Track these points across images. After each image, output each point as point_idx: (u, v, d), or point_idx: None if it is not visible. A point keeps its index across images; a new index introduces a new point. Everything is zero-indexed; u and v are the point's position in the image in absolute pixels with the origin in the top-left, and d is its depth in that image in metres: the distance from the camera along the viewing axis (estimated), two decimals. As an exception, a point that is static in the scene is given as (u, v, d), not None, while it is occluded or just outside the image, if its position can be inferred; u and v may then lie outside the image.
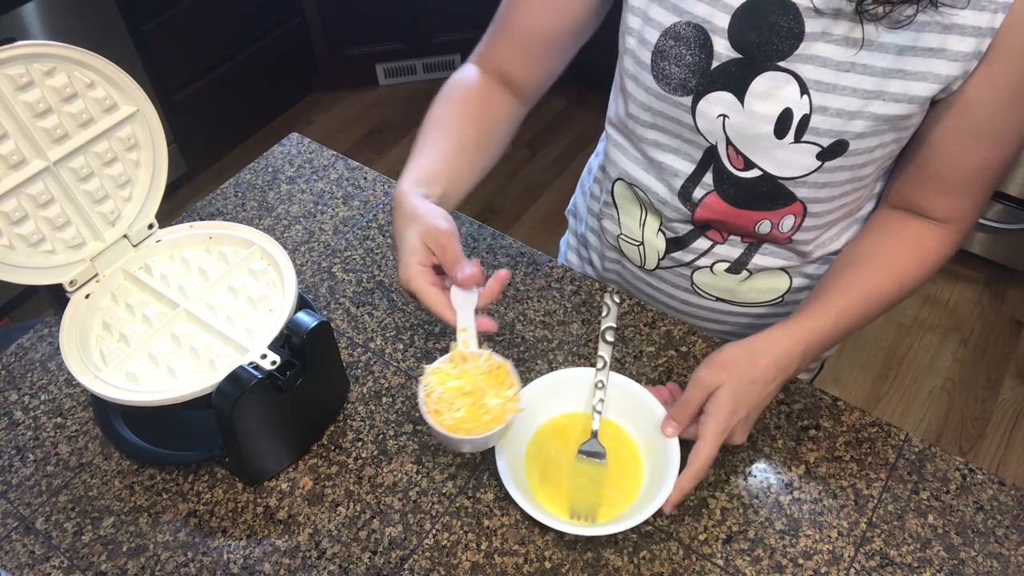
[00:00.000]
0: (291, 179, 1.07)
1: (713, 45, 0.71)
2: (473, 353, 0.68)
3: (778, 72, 0.70)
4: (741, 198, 0.80)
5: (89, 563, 0.73)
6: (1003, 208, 1.98)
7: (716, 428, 0.68)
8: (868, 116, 0.69)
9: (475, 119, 0.82)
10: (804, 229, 0.82)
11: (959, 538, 0.73)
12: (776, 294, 0.91)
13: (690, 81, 0.73)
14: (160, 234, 0.81)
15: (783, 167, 0.75)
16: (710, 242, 0.86)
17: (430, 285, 0.68)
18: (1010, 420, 1.88)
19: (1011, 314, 2.08)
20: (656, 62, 0.74)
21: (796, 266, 0.88)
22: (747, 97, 0.72)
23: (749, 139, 0.74)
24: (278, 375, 0.69)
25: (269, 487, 0.77)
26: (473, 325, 0.68)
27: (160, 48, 2.16)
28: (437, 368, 0.69)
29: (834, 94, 0.69)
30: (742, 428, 0.70)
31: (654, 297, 0.97)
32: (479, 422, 0.66)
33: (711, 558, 0.72)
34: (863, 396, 1.92)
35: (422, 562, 0.72)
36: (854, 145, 0.71)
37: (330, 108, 2.76)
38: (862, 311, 0.76)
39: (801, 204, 0.79)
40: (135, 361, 0.72)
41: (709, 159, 0.78)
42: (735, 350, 0.71)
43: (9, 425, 0.83)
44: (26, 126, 0.68)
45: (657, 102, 0.77)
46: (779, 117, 0.71)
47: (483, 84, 0.85)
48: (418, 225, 0.69)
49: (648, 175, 0.85)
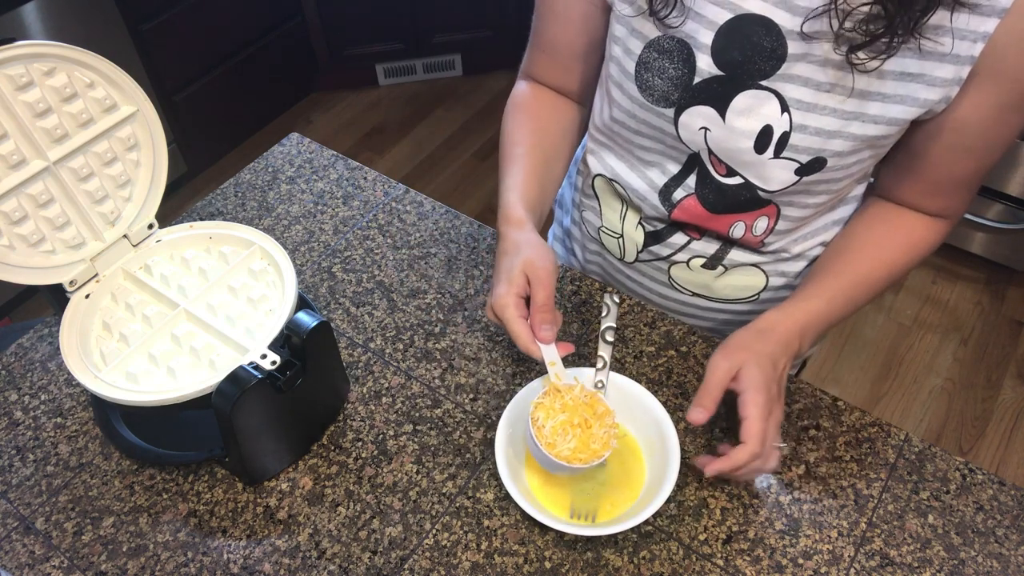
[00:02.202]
0: (291, 179, 1.07)
1: (696, 61, 0.71)
2: (567, 385, 0.73)
3: (760, 90, 0.71)
4: (719, 204, 0.81)
5: (89, 563, 0.73)
6: (1003, 208, 1.98)
7: (759, 400, 0.68)
8: (847, 136, 0.70)
9: (549, 131, 0.88)
10: (776, 232, 0.84)
11: (959, 538, 0.73)
12: (752, 291, 0.91)
13: (672, 94, 0.74)
14: (160, 234, 0.81)
15: (763, 180, 0.76)
16: (687, 238, 0.88)
17: (520, 319, 0.72)
18: (1010, 420, 1.88)
19: (1011, 314, 2.08)
20: (640, 73, 0.75)
21: (770, 263, 0.89)
22: (728, 113, 0.72)
23: (730, 152, 0.75)
24: (278, 375, 0.69)
25: (269, 487, 0.77)
26: (559, 358, 0.73)
27: (160, 48, 2.16)
28: (539, 403, 0.73)
29: (814, 113, 0.70)
30: (779, 404, 0.71)
31: (634, 290, 0.98)
32: (589, 450, 0.71)
33: (711, 558, 0.72)
34: (863, 396, 1.92)
35: (422, 562, 0.72)
36: (832, 162, 0.73)
37: (330, 108, 2.76)
38: (853, 296, 0.78)
39: (775, 207, 0.81)
40: (135, 361, 0.72)
41: (693, 163, 0.80)
42: (743, 333, 0.73)
43: (9, 425, 0.83)
44: (26, 126, 0.68)
45: (641, 111, 0.78)
46: (759, 133, 0.72)
47: (542, 96, 0.90)
48: (522, 256, 0.73)
49: (632, 173, 0.86)
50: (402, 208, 1.03)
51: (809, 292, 0.77)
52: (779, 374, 0.72)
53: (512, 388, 0.83)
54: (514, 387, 0.84)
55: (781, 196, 0.78)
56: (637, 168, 0.85)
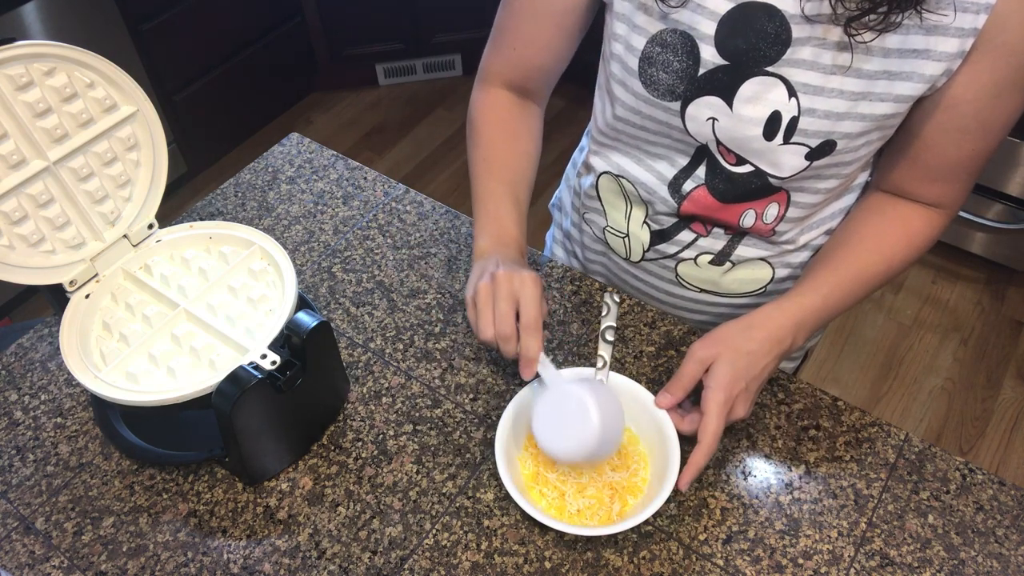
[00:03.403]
0: (291, 179, 1.07)
1: (700, 52, 0.71)
2: None
3: (766, 76, 0.70)
4: (729, 193, 0.81)
5: (89, 563, 0.73)
6: (1003, 208, 1.98)
7: (719, 399, 0.69)
8: (856, 116, 0.70)
9: (518, 136, 0.87)
10: (787, 220, 0.83)
11: (959, 538, 0.73)
12: (759, 284, 0.91)
13: (678, 87, 0.74)
14: (160, 234, 0.81)
15: (773, 166, 0.76)
16: (694, 235, 0.87)
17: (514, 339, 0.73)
18: (1010, 420, 1.88)
19: (1011, 314, 2.08)
20: (644, 68, 0.75)
21: (777, 256, 0.88)
22: (735, 101, 0.72)
23: (738, 141, 0.75)
24: (278, 375, 0.69)
25: (269, 487, 0.77)
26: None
27: (160, 48, 2.16)
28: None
29: (822, 96, 0.69)
30: (744, 401, 0.71)
31: (639, 289, 0.98)
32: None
33: (711, 558, 0.72)
34: (863, 396, 1.92)
35: (422, 562, 0.72)
36: (842, 145, 0.73)
37: (330, 108, 2.76)
38: (851, 289, 0.78)
39: (785, 193, 0.80)
40: (135, 361, 0.72)
41: (702, 155, 0.79)
42: (730, 325, 0.74)
43: (9, 425, 0.83)
44: (26, 126, 0.68)
45: (646, 107, 0.77)
46: (768, 120, 0.72)
47: (506, 101, 0.88)
48: (521, 271, 0.73)
49: (639, 168, 0.86)
50: (402, 208, 1.03)
51: (806, 287, 0.77)
52: (757, 372, 0.72)
53: (512, 388, 0.83)
54: (514, 387, 0.84)
55: (792, 182, 0.78)
56: (644, 163, 0.85)
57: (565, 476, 0.73)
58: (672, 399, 0.73)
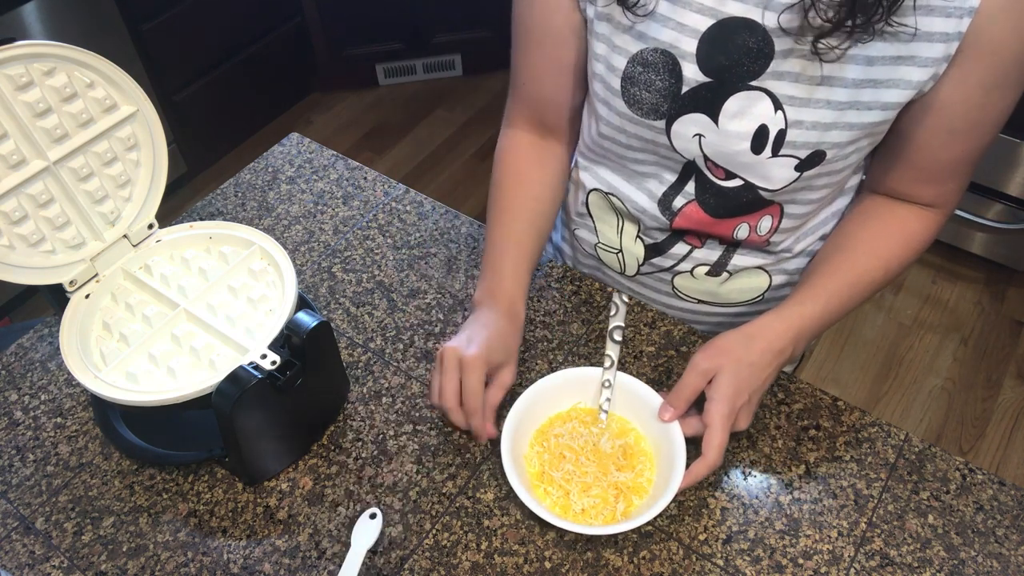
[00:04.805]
0: (291, 179, 1.07)
1: (682, 70, 0.70)
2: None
3: (751, 91, 0.70)
4: (721, 208, 0.80)
5: (89, 563, 0.73)
6: (1003, 208, 1.98)
7: (723, 412, 0.69)
8: (844, 126, 0.70)
9: (530, 182, 0.87)
10: (781, 231, 0.83)
11: (959, 538, 0.73)
12: (756, 292, 0.91)
13: (661, 106, 0.73)
14: (160, 234, 0.81)
15: (764, 179, 0.76)
16: (688, 247, 0.87)
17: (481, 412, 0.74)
18: (1010, 420, 1.88)
19: (1011, 314, 2.08)
20: (626, 88, 0.74)
21: (774, 264, 0.88)
22: (721, 117, 0.72)
23: (726, 156, 0.75)
24: (278, 375, 0.69)
25: (269, 487, 0.77)
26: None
27: (160, 48, 2.16)
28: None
29: (808, 108, 0.69)
30: (746, 412, 0.71)
31: (635, 301, 0.97)
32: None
33: (711, 558, 0.72)
34: (863, 396, 1.92)
35: (422, 562, 0.72)
36: (831, 154, 0.72)
37: (330, 108, 2.76)
38: (850, 295, 0.77)
39: (779, 206, 0.80)
40: (135, 361, 0.72)
41: (690, 171, 0.79)
42: (731, 336, 0.73)
43: (9, 425, 0.83)
44: (26, 126, 0.68)
45: (631, 125, 0.77)
46: (755, 134, 0.72)
47: (525, 144, 0.88)
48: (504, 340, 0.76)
49: (628, 185, 0.85)
50: (402, 208, 1.03)
51: (804, 295, 0.76)
52: (759, 384, 0.71)
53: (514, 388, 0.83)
54: (517, 387, 0.84)
55: (783, 194, 0.78)
56: (633, 180, 0.84)
57: (570, 475, 0.74)
58: (675, 413, 0.72)
